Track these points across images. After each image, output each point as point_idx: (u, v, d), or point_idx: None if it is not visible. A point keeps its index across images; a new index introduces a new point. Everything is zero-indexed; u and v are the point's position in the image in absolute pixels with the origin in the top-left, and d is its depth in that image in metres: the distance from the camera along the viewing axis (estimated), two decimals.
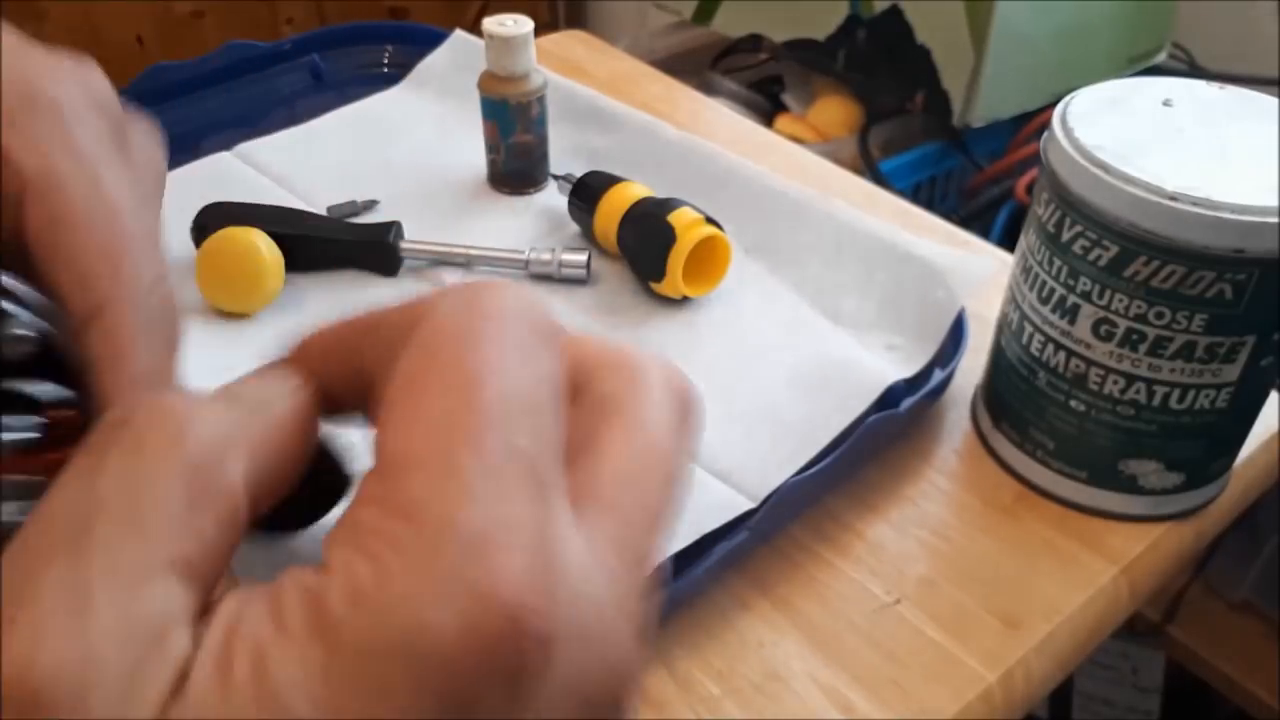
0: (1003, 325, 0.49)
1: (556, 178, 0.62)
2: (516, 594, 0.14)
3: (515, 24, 0.60)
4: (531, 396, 0.17)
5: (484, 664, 0.14)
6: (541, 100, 0.63)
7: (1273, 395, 0.50)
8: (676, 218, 0.54)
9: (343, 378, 0.20)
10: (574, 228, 0.61)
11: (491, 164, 0.65)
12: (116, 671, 0.14)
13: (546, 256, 0.57)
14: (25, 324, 0.20)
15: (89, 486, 0.15)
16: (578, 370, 0.20)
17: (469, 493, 0.15)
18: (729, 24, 1.01)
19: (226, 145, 0.67)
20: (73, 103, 0.23)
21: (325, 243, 0.57)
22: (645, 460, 0.19)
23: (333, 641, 0.14)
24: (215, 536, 0.16)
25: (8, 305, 0.20)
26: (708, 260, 0.55)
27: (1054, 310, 0.44)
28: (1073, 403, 0.45)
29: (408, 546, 0.14)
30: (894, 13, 0.86)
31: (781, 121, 0.98)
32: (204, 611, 0.15)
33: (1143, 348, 0.42)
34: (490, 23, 0.61)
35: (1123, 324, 0.42)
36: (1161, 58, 0.97)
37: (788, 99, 1.03)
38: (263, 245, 0.53)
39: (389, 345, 0.18)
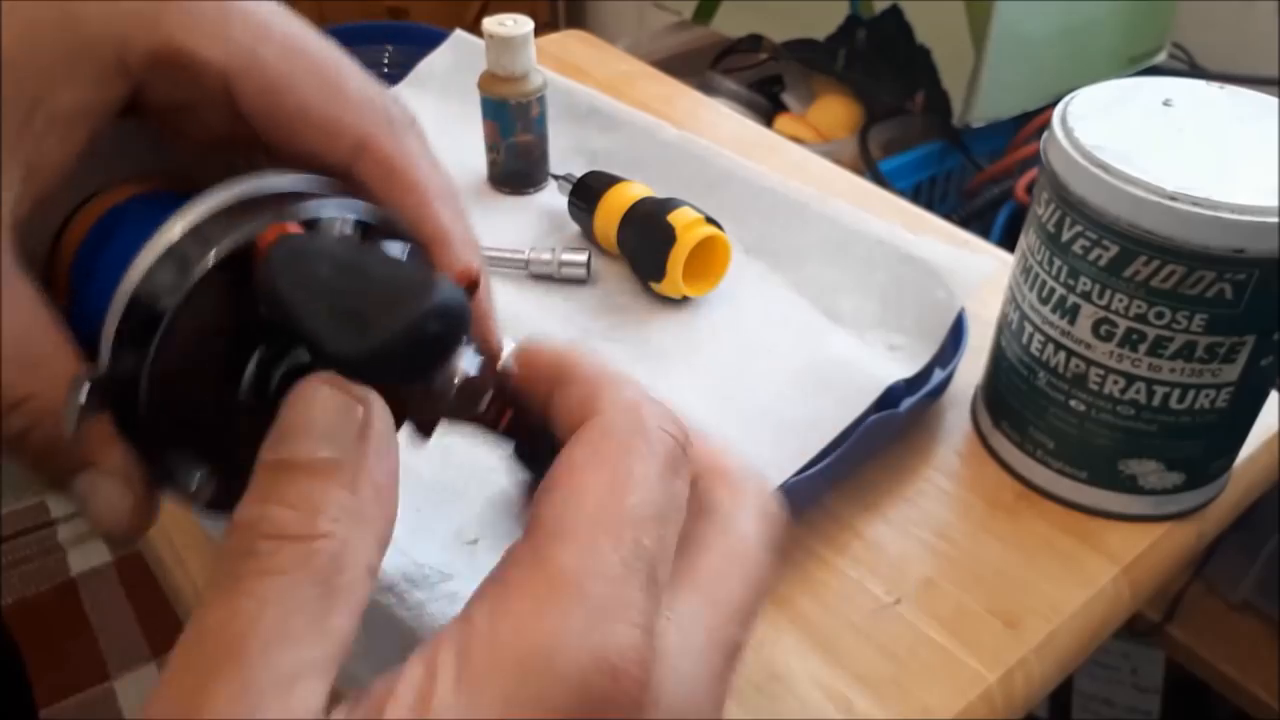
0: (1003, 325, 0.49)
1: (556, 178, 0.62)
2: (623, 660, 0.18)
3: (515, 24, 0.60)
4: (661, 508, 0.21)
5: (592, 711, 0.18)
6: (541, 100, 0.63)
7: (1273, 395, 0.50)
8: (676, 218, 0.54)
9: (531, 393, 0.24)
10: (574, 228, 0.61)
11: (491, 164, 0.65)
12: None
13: (546, 256, 0.57)
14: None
15: (234, 607, 0.18)
16: (692, 470, 0.23)
17: (602, 570, 0.19)
18: (729, 24, 1.01)
19: None
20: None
21: None
22: (738, 561, 0.22)
23: (479, 689, 0.18)
24: (348, 628, 0.19)
25: None
26: (708, 260, 0.55)
27: (1054, 310, 0.44)
28: (1073, 402, 0.45)
29: (547, 607, 0.18)
30: (894, 13, 0.86)
31: (781, 121, 0.98)
32: (333, 698, 0.18)
33: (1143, 348, 0.42)
34: (490, 23, 0.61)
35: (1123, 324, 0.42)
36: (1161, 58, 0.97)
37: (788, 99, 1.03)
38: None
39: (570, 401, 0.23)
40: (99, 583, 1.47)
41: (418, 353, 0.20)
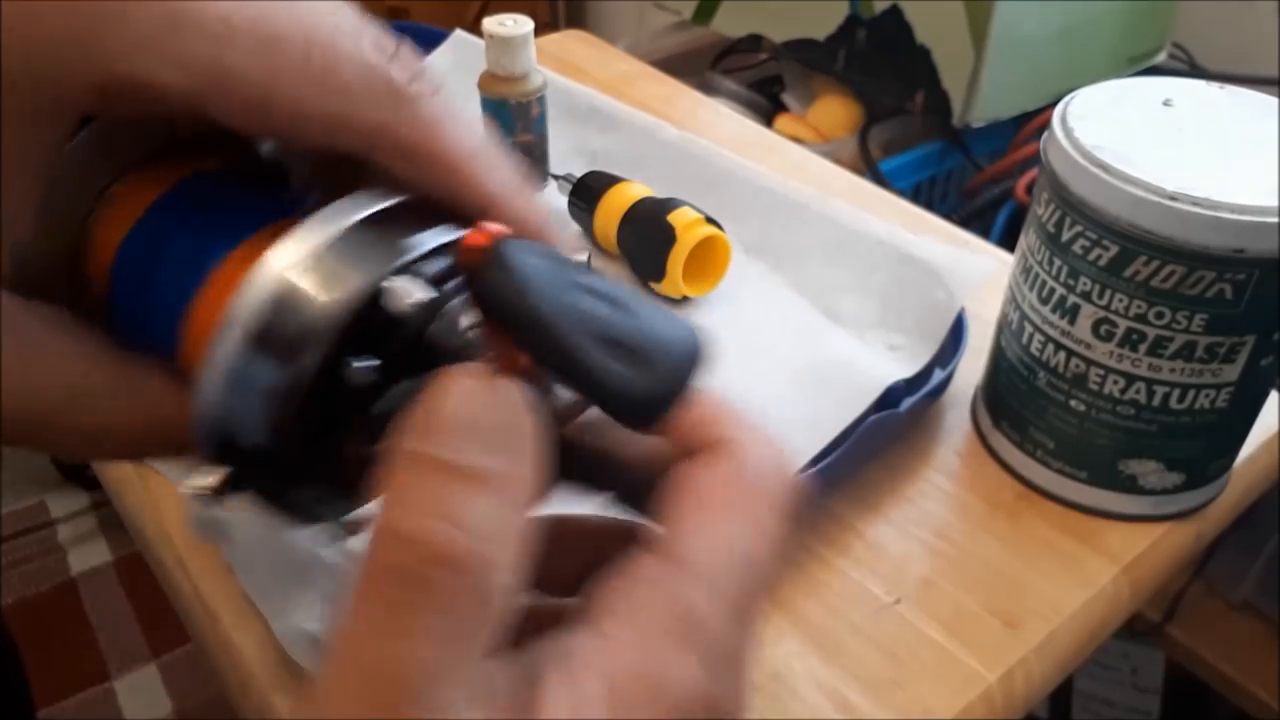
0: (1003, 325, 0.49)
1: (556, 178, 0.62)
2: (732, 707, 0.19)
3: (515, 24, 0.60)
4: (778, 561, 0.21)
5: None
6: (541, 100, 0.63)
7: (1273, 395, 0.50)
8: (676, 218, 0.54)
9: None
10: (574, 228, 0.61)
11: None
12: None
13: None
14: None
15: (400, 649, 0.17)
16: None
17: (728, 618, 0.20)
18: (729, 24, 1.01)
19: None
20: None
21: None
22: None
23: (622, 709, 0.18)
24: (499, 641, 0.18)
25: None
26: (708, 260, 0.55)
27: (1054, 310, 0.44)
28: (1073, 403, 0.45)
29: (684, 648, 0.19)
30: (894, 13, 0.86)
31: (781, 121, 0.98)
32: None
33: (1143, 348, 0.42)
34: (490, 23, 0.61)
35: (1123, 324, 0.42)
36: (1161, 58, 0.97)
37: (788, 99, 1.03)
38: None
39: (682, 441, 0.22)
40: (99, 583, 1.47)
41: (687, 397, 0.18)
